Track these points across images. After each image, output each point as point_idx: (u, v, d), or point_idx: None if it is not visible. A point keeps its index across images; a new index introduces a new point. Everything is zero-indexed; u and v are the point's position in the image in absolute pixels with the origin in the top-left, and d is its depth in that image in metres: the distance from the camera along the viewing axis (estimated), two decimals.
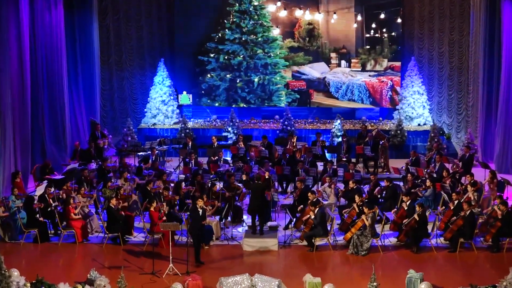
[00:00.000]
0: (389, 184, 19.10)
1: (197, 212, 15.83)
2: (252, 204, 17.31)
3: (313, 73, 27.73)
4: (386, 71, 27.54)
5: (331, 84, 27.78)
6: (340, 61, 27.68)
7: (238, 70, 27.65)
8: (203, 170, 21.25)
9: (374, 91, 27.56)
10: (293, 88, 27.86)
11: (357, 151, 23.40)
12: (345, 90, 27.72)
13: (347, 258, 16.57)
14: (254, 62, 27.43)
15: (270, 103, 27.84)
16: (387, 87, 27.49)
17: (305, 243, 17.18)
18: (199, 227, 15.87)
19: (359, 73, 27.48)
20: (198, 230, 15.87)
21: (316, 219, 16.88)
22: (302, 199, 18.38)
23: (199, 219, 15.85)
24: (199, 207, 15.80)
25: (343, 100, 27.82)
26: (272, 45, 27.56)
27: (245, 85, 27.80)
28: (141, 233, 17.91)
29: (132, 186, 20.01)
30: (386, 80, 27.40)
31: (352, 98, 27.79)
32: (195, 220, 15.80)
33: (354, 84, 27.62)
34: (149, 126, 27.32)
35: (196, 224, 15.78)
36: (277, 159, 22.71)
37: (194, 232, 15.86)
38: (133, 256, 16.60)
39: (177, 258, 15.92)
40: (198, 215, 15.85)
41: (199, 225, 15.85)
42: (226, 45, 27.46)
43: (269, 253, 16.83)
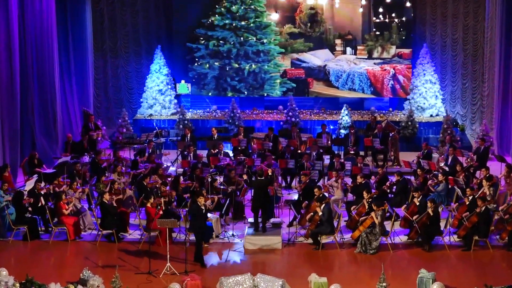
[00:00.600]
0: (399, 179, 19.06)
1: (199, 210, 15.74)
2: (255, 201, 17.27)
3: (314, 61, 27.69)
4: (393, 58, 27.42)
5: (331, 73, 27.75)
6: (345, 48, 27.61)
7: (228, 57, 27.57)
8: (203, 164, 21.23)
9: (376, 80, 27.52)
10: (291, 76, 27.83)
11: (366, 144, 23.37)
12: (345, 79, 27.71)
13: (355, 257, 16.55)
14: (244, 49, 27.34)
15: (262, 93, 27.77)
16: (388, 76, 27.42)
17: (310, 241, 17.17)
18: (201, 226, 15.79)
19: (365, 61, 27.47)
20: (200, 229, 15.79)
21: (322, 215, 16.85)
22: (307, 194, 18.36)
23: (203, 218, 15.76)
24: (201, 205, 15.73)
25: (343, 90, 27.84)
26: (266, 31, 27.45)
27: (235, 74, 27.75)
28: (137, 230, 17.90)
29: (127, 181, 20.00)
30: (389, 68, 27.26)
31: (353, 88, 27.78)
32: (198, 218, 15.71)
33: (355, 73, 27.59)
34: (145, 117, 27.31)
35: (198, 223, 15.71)
36: (280, 152, 22.69)
37: (196, 232, 15.78)
38: (128, 254, 16.57)
39: (175, 256, 15.91)
40: (201, 213, 15.75)
41: (202, 224, 15.78)
42: (216, 32, 27.36)
43: (273, 252, 16.82)
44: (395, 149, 23.36)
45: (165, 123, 27.06)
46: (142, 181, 19.13)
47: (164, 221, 15.85)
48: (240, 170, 20.35)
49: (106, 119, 27.92)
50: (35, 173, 20.27)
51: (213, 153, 22.58)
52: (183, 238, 17.21)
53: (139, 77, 28.30)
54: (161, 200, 17.44)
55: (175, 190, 18.96)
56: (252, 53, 27.58)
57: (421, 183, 19.30)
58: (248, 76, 27.77)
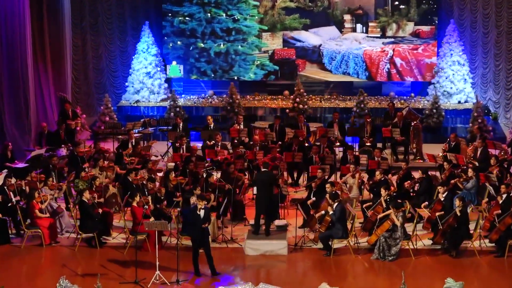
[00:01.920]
0: (424, 176, 19.01)
1: (196, 214, 15.63)
2: (260, 199, 17.24)
3: (311, 40, 27.63)
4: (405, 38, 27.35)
5: (324, 54, 27.72)
6: (355, 25, 27.56)
7: (193, 36, 27.54)
8: (197, 157, 21.19)
9: (371, 63, 27.53)
10: (278, 57, 27.81)
11: (384, 135, 23.33)
12: (339, 61, 27.69)
13: (371, 264, 16.54)
14: (212, 27, 27.31)
15: (232, 75, 27.77)
16: (385, 59, 27.39)
17: (320, 245, 17.15)
18: (200, 232, 15.72)
19: (373, 40, 27.42)
20: (199, 235, 15.71)
21: (334, 216, 16.82)
22: (318, 191, 18.36)
23: (200, 222, 15.68)
24: (199, 207, 15.64)
25: (337, 74, 27.83)
26: (240, 7, 27.34)
27: (202, 54, 27.72)
28: (122, 233, 17.88)
29: (110, 177, 19.97)
30: (389, 50, 27.19)
31: (347, 71, 27.78)
32: (195, 222, 15.62)
33: (350, 54, 27.56)
34: (131, 103, 27.29)
35: (196, 228, 15.63)
36: (286, 144, 22.66)
37: (194, 238, 15.70)
38: (111, 261, 16.57)
39: (165, 264, 15.88)
40: (197, 217, 15.65)
41: (201, 229, 15.71)
42: (183, 7, 27.31)
43: (277, 258, 16.82)
44: (417, 141, 23.32)
45: (154, 111, 27.04)
46: (126, 176, 19.09)
47: (153, 223, 15.82)
48: (239, 164, 20.30)
49: (86, 106, 27.87)
50: (5, 167, 20.21)
51: (208, 145, 22.53)
52: (175, 242, 17.15)
53: (124, 57, 28.23)
54: (149, 199, 17.38)
55: (165, 187, 18.91)
56: (222, 31, 27.52)
57: (448, 178, 19.24)
58: (218, 57, 27.70)
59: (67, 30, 26.87)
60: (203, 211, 15.65)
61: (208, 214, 15.83)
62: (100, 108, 26.46)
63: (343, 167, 20.19)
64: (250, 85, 28.28)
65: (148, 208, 17.06)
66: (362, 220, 18.18)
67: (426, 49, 27.36)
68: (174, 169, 20.44)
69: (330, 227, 16.98)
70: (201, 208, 15.62)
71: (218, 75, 27.83)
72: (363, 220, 18.14)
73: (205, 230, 15.81)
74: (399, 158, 22.99)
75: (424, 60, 27.45)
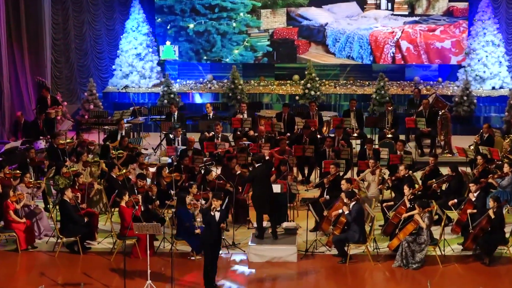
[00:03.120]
0: (454, 174, 18.96)
1: (210, 216, 15.52)
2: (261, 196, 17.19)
3: (320, 18, 27.64)
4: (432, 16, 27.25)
5: (328, 35, 27.76)
6: (380, 1, 27.59)
7: (172, 13, 27.60)
8: (194, 151, 21.19)
9: (376, 46, 27.59)
10: (278, 37, 27.81)
11: (408, 125, 23.30)
12: (344, 43, 27.72)
13: (393, 272, 16.53)
14: (193, 4, 27.44)
15: (212, 57, 27.84)
16: (391, 41, 27.39)
17: (335, 251, 17.14)
18: (216, 236, 15.62)
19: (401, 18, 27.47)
20: (214, 240, 15.61)
21: (350, 217, 16.79)
22: (332, 189, 18.37)
23: (216, 224, 15.57)
24: (213, 208, 15.53)
25: (340, 57, 27.93)
26: None
27: (179, 33, 27.83)
28: (108, 237, 17.88)
29: (95, 173, 19.95)
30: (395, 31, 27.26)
31: (351, 55, 27.89)
32: (210, 226, 15.52)
33: (355, 36, 27.61)
34: (119, 89, 27.32)
35: (211, 232, 15.53)
36: (296, 136, 22.64)
37: (207, 244, 15.59)
38: (96, 269, 16.57)
39: (157, 272, 15.90)
40: (212, 219, 15.54)
41: (217, 232, 15.61)
42: None
43: (285, 266, 16.80)
44: (446, 132, 23.30)
45: (145, 98, 27.09)
46: (110, 173, 19.15)
47: (143, 226, 15.79)
48: (243, 159, 20.28)
49: (67, 92, 27.94)
50: None
51: (207, 136, 22.53)
52: (169, 247, 17.13)
53: (111, 37, 28.27)
54: (139, 198, 17.39)
55: (157, 184, 18.92)
56: (205, 8, 27.58)
57: (480, 175, 19.20)
58: (200, 36, 27.72)
59: (46, 6, 26.88)
60: (218, 213, 15.47)
61: (224, 215, 15.67)
62: (84, 94, 26.51)
63: (361, 162, 20.16)
64: (255, 69, 28.26)
65: (138, 208, 17.04)
66: (382, 223, 18.14)
67: (447, 30, 27.30)
68: (168, 164, 20.41)
69: (346, 230, 16.95)
70: (217, 210, 15.48)
71: (201, 55, 27.93)
72: (383, 222, 18.09)
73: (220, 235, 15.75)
74: (424, 152, 22.99)
75: (435, 44, 27.49)
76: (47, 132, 23.08)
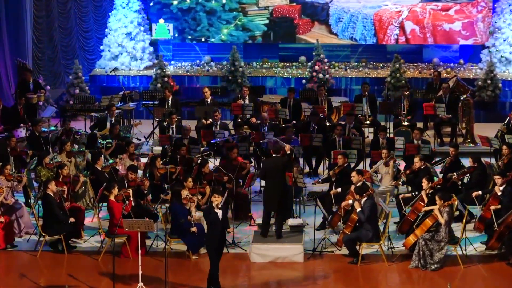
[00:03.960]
0: (476, 165, 18.93)
1: (214, 214, 15.46)
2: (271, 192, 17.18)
3: None
4: None
5: (331, 14, 27.75)
6: None
7: None
8: (190, 140, 21.16)
9: (380, 27, 27.62)
10: (277, 15, 27.85)
11: (426, 111, 23.28)
12: (347, 23, 27.75)
13: (409, 274, 16.53)
14: None
15: (197, 37, 27.83)
16: (396, 22, 27.40)
17: (345, 250, 17.14)
18: (221, 237, 15.57)
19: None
20: (219, 240, 15.56)
21: (362, 213, 16.76)
22: (341, 183, 18.32)
23: (221, 224, 15.51)
24: (215, 205, 15.47)
25: (343, 39, 27.98)
26: None
27: (162, 10, 27.89)
28: (95, 235, 17.88)
29: (81, 164, 19.92)
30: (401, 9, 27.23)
31: (353, 36, 27.92)
32: (214, 225, 15.47)
33: (359, 15, 27.61)
34: (108, 72, 27.29)
35: (215, 231, 15.48)
36: (303, 123, 22.59)
37: (212, 245, 15.55)
38: (82, 270, 16.57)
39: (149, 274, 15.89)
40: (216, 217, 15.48)
41: (222, 233, 15.55)
42: None
43: (291, 267, 16.82)
44: (468, 119, 23.29)
45: (136, 81, 27.06)
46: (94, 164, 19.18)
47: (135, 222, 15.76)
48: (244, 149, 20.26)
49: (50, 75, 27.90)
50: None
51: (205, 124, 22.50)
52: (162, 246, 17.11)
53: (99, 14, 28.23)
54: (130, 192, 17.36)
55: (150, 177, 18.90)
56: None
57: (506, 166, 19.15)
58: (185, 14, 27.77)
59: None
60: (220, 210, 15.40)
61: (226, 216, 15.61)
62: (69, 78, 26.44)
63: (374, 153, 20.17)
64: (257, 49, 28.20)
65: (128, 203, 17.01)
66: (397, 219, 18.12)
67: (463, 9, 27.28)
68: (162, 155, 20.40)
69: (358, 227, 16.94)
70: (219, 208, 15.41)
71: (183, 36, 27.99)
72: (399, 219, 18.07)
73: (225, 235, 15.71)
74: (444, 141, 22.98)
75: (443, 25, 27.46)
76: (28, 119, 23.03)
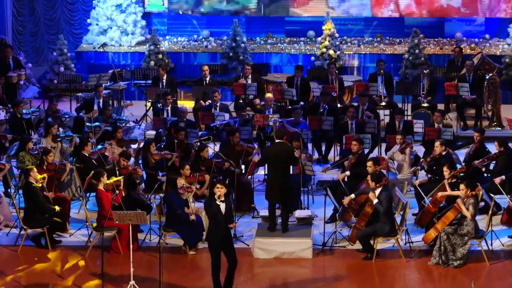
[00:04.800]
0: (502, 150, 18.91)
1: (216, 207, 15.34)
2: (273, 182, 17.16)
3: None
4: None
5: None
6: None
7: None
8: (187, 123, 21.15)
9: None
10: None
11: (447, 91, 23.25)
12: None
13: (429, 271, 16.53)
14: None
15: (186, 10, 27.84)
16: None
17: (358, 245, 17.13)
18: (224, 232, 15.46)
19: None
20: (221, 237, 15.45)
21: (379, 205, 16.73)
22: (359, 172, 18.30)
23: (223, 219, 15.40)
24: (217, 197, 15.35)
25: (338, 12, 28.05)
26: None
27: None
28: (82, 228, 17.89)
29: (67, 150, 19.94)
30: None
31: (349, 11, 28.08)
32: (216, 218, 15.39)
33: None
34: (96, 48, 27.28)
35: (218, 227, 15.39)
36: (311, 105, 22.60)
37: (214, 242, 15.48)
38: (68, 267, 16.56)
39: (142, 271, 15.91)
40: (219, 210, 15.35)
41: (225, 228, 15.44)
42: None
43: (298, 263, 16.83)
44: (494, 100, 23.30)
45: (127, 58, 27.08)
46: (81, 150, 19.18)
47: (126, 214, 15.72)
48: (246, 133, 20.26)
49: (32, 52, 27.93)
50: None
51: (203, 105, 22.49)
52: (156, 241, 17.14)
53: None
54: (121, 180, 17.35)
55: (144, 163, 18.95)
56: None
57: None
58: None
59: None
60: (223, 204, 15.27)
61: (230, 209, 15.50)
62: (53, 54, 26.42)
63: (390, 137, 20.15)
64: (261, 23, 28.17)
65: (119, 193, 17.01)
66: (416, 211, 18.11)
67: None
68: (156, 139, 20.37)
69: (373, 220, 16.92)
70: (221, 200, 15.31)
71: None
72: (417, 210, 18.06)
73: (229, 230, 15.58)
74: (468, 125, 22.98)
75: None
76: (7, 100, 23.01)
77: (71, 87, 24.22)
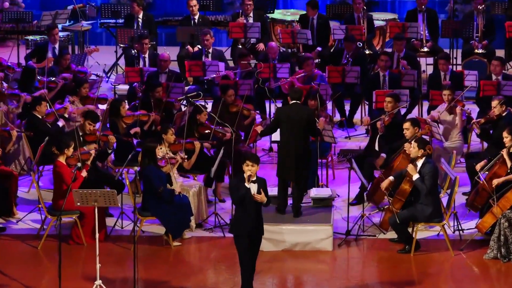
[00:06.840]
0: None
1: (243, 189, 15.19)
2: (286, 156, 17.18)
3: None
4: None
5: None
6: None
7: None
8: (170, 75, 21.19)
9: None
10: None
11: (509, 34, 23.39)
12: None
13: (484, 266, 16.60)
14: None
15: None
16: None
17: (392, 234, 17.19)
18: (255, 221, 15.32)
19: None
20: (252, 226, 15.32)
21: (420, 182, 16.68)
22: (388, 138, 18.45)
23: (254, 204, 15.26)
24: (246, 177, 15.15)
25: None
26: None
27: None
28: (34, 211, 17.99)
29: (13, 111, 20.11)
30: None
31: None
32: (243, 204, 15.30)
33: None
34: None
35: (247, 213, 15.28)
36: (332, 51, 22.81)
37: (242, 232, 15.39)
38: (15, 262, 16.71)
39: (111, 267, 16.04)
40: (247, 193, 15.21)
41: (256, 215, 15.30)
42: None
43: (315, 257, 16.92)
44: None
45: None
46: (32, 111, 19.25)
47: (90, 194, 15.67)
48: (246, 88, 20.28)
49: None
50: None
51: (191, 52, 22.57)
52: (130, 228, 17.19)
53: None
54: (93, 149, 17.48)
55: (112, 129, 18.96)
56: None
57: None
58: None
59: None
60: (255, 185, 15.16)
61: (266, 191, 15.40)
62: None
63: (434, 93, 20.22)
64: None
65: (84, 168, 17.02)
66: (467, 189, 18.10)
67: None
68: (129, 95, 20.38)
69: (411, 202, 16.91)
70: (252, 180, 15.22)
71: None
72: (469, 189, 18.04)
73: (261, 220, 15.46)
74: None
75: None
76: None
77: (18, 28, 24.21)
